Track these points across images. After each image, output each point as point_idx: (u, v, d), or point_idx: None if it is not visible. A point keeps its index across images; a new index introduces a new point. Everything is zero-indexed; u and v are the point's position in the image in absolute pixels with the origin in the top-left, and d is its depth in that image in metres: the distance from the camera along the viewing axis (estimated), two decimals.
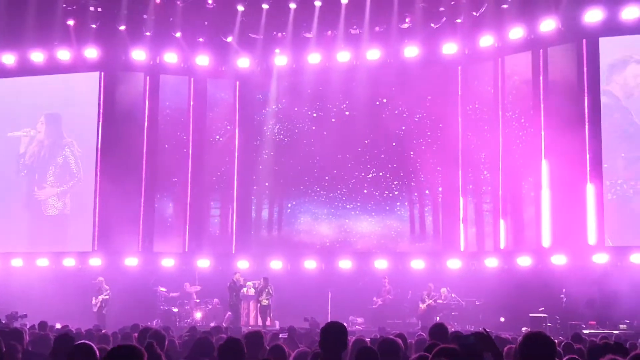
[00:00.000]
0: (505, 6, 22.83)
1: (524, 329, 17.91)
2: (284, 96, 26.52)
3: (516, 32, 22.91)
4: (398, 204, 25.39)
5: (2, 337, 7.92)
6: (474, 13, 23.30)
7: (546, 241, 22.12)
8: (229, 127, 26.74)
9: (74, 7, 24.91)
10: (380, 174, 25.45)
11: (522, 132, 23.17)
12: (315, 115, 26.15)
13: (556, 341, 8.13)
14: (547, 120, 22.39)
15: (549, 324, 19.62)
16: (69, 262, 25.22)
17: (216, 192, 26.68)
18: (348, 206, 25.73)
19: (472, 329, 19.97)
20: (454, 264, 23.49)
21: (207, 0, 24.59)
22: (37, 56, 25.82)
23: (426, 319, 21.05)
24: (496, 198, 23.59)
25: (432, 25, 23.98)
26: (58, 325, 16.57)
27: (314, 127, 26.04)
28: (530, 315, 20.09)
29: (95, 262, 24.93)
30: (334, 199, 25.85)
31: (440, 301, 22.41)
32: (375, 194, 25.48)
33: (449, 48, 24.15)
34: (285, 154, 26.30)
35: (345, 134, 25.64)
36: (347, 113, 25.83)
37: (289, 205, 26.48)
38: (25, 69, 26.20)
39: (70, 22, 25.23)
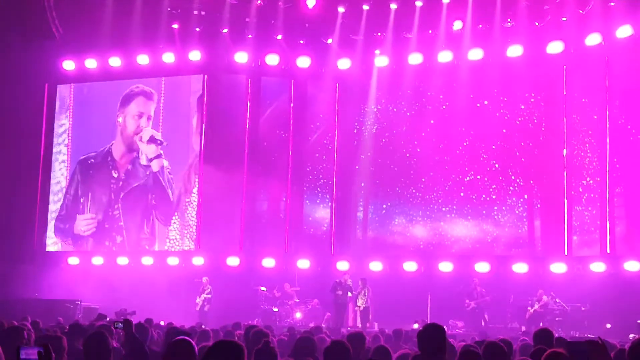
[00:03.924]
0: (612, 3, 22.16)
1: (631, 335, 17.31)
2: (384, 97, 26.39)
3: (624, 31, 22.17)
4: (495, 208, 24.83)
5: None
6: (580, 11, 22.69)
7: None
8: (328, 129, 26.81)
9: (179, 11, 25.50)
10: (478, 177, 24.97)
11: (631, 136, 22.44)
12: (413, 116, 25.91)
13: None
14: None
15: None
16: (173, 260, 25.79)
17: (315, 193, 26.80)
18: (444, 209, 25.36)
19: (576, 335, 19.47)
20: (558, 268, 22.87)
21: (307, 3, 24.76)
22: (142, 59, 26.52)
23: (532, 324, 20.62)
24: (603, 202, 22.86)
25: (537, 23, 23.49)
26: (162, 323, 16.93)
27: (412, 128, 25.82)
28: (639, 321, 19.43)
29: (198, 261, 25.39)
30: (430, 201, 25.53)
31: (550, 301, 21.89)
32: (472, 198, 25.01)
33: (554, 47, 23.52)
34: (382, 155, 26.16)
35: (444, 136, 25.33)
36: (446, 114, 25.50)
37: (384, 206, 26.31)
38: (131, 72, 26.96)
39: (175, 26, 25.84)
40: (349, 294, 22.92)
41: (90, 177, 27.36)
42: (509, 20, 23.70)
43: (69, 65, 27.44)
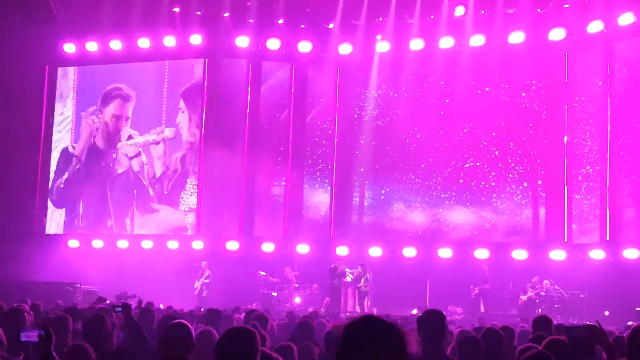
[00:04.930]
0: None
1: (629, 323, 17.32)
2: (384, 82, 26.32)
3: (627, 18, 22.07)
4: (494, 195, 24.80)
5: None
6: None
7: None
8: (328, 113, 26.76)
9: None
10: (478, 164, 24.94)
11: (633, 125, 22.39)
12: (414, 101, 25.85)
13: None
14: None
15: None
16: (173, 244, 25.82)
17: (314, 177, 26.78)
18: (442, 195, 25.34)
19: (575, 322, 19.51)
20: (557, 255, 22.90)
21: None
22: (143, 42, 26.43)
23: (525, 311, 20.69)
24: (603, 190, 22.85)
25: (539, 10, 23.41)
26: (162, 306, 16.97)
27: (412, 114, 25.74)
28: (637, 309, 19.45)
29: (198, 245, 25.42)
30: (429, 187, 25.50)
31: (543, 293, 21.98)
32: (471, 184, 25.00)
33: (556, 34, 23.44)
34: (382, 140, 26.10)
35: (444, 122, 25.26)
36: (447, 101, 25.45)
37: (383, 191, 26.30)
38: (132, 55, 26.88)
39: (176, 9, 25.75)
40: (347, 279, 23.01)
41: (80, 165, 27.61)
42: (511, 6, 23.60)
43: (69, 47, 27.36)
